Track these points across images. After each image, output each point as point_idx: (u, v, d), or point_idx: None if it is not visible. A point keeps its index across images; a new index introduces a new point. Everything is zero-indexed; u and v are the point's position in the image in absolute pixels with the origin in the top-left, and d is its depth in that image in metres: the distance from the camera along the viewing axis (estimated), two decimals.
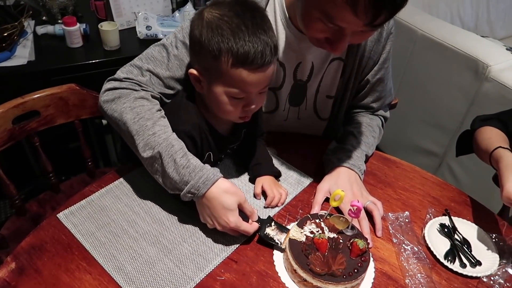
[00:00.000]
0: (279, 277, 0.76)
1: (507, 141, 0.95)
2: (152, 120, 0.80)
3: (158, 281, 0.73)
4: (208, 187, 0.76)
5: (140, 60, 0.89)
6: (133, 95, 0.83)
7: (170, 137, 0.79)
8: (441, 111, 1.79)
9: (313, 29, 0.77)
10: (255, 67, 0.73)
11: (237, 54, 0.72)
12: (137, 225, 0.83)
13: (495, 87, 1.55)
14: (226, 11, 0.74)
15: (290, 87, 1.03)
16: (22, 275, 0.73)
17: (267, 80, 0.78)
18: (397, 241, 0.84)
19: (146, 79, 0.87)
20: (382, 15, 0.68)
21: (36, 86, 1.10)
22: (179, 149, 0.78)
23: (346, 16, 0.69)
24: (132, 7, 1.71)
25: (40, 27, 1.61)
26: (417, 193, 0.98)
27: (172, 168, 0.77)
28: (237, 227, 0.77)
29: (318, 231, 0.77)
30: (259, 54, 0.72)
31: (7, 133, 1.06)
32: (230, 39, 0.71)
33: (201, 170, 0.77)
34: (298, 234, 0.77)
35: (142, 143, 0.79)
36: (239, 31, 0.72)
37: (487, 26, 2.50)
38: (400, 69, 1.93)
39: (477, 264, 0.81)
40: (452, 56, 1.68)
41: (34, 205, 1.22)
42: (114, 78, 0.88)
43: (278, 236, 0.80)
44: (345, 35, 0.75)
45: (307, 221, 0.79)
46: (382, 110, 1.12)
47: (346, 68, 1.00)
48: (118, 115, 0.82)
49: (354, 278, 0.71)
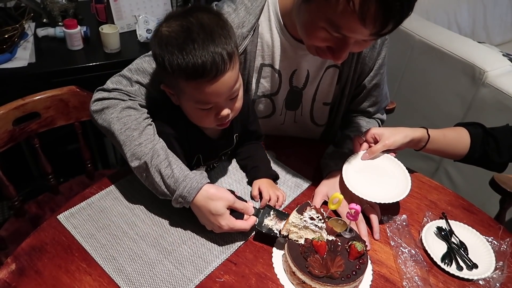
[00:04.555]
0: (278, 279, 0.76)
1: (461, 144, 0.98)
2: (138, 131, 0.81)
3: (158, 282, 0.74)
4: (193, 196, 0.77)
5: (129, 71, 0.88)
6: (120, 106, 0.84)
7: (156, 146, 0.80)
8: (438, 116, 1.81)
9: (316, 37, 0.77)
10: (208, 78, 0.72)
11: (186, 69, 0.71)
12: (137, 227, 0.84)
13: (492, 93, 1.56)
14: (174, 26, 0.73)
15: (286, 93, 1.04)
16: (22, 276, 0.73)
17: (228, 87, 0.76)
18: (394, 244, 0.85)
19: (134, 89, 0.87)
20: (390, 24, 0.68)
21: (36, 88, 1.11)
22: (164, 159, 0.79)
23: (353, 26, 0.69)
24: (133, 10, 1.71)
25: (41, 29, 1.61)
26: (415, 197, 0.99)
27: (159, 178, 0.79)
28: (231, 229, 0.78)
29: (318, 217, 0.77)
30: (208, 66, 0.71)
31: (7, 134, 1.06)
32: (179, 56, 0.71)
33: (184, 180, 0.77)
34: (297, 220, 0.77)
35: (129, 153, 0.80)
36: (185, 46, 0.71)
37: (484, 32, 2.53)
38: (398, 74, 1.95)
39: (474, 267, 0.82)
40: (449, 61, 1.69)
41: (33, 207, 1.23)
42: (103, 89, 0.88)
43: (277, 225, 0.81)
44: (348, 44, 0.75)
45: (307, 207, 0.78)
46: (378, 114, 1.13)
47: (342, 75, 1.01)
48: (106, 125, 0.83)
49: (352, 280, 0.72)
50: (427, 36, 1.79)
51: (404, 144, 0.93)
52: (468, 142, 0.98)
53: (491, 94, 1.57)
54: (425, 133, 0.95)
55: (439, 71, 1.77)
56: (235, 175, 0.99)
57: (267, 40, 0.95)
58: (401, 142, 0.91)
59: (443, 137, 0.98)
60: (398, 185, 0.89)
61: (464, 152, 0.99)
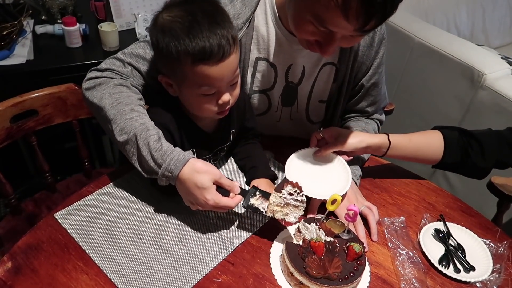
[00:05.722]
0: (275, 280, 0.76)
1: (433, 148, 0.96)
2: (130, 106, 0.81)
3: (155, 281, 0.73)
4: (180, 168, 0.76)
5: (123, 54, 0.90)
6: (112, 82, 0.85)
7: (147, 123, 0.80)
8: (436, 118, 1.81)
9: (304, 31, 0.78)
10: (215, 61, 0.73)
11: (193, 52, 0.72)
12: (134, 225, 0.83)
13: (490, 95, 1.57)
14: (176, 12, 0.74)
15: (282, 88, 1.03)
16: (18, 275, 0.72)
17: (232, 70, 0.78)
18: (392, 245, 0.85)
19: (127, 71, 0.88)
20: (373, 21, 0.69)
21: (34, 85, 1.10)
22: (155, 133, 0.79)
23: (337, 21, 0.70)
24: (132, 8, 1.71)
25: (40, 27, 1.60)
26: (413, 199, 0.99)
27: (146, 151, 0.78)
28: (217, 204, 0.76)
29: (295, 191, 0.77)
30: (215, 48, 0.72)
31: (5, 131, 1.06)
32: (185, 39, 0.72)
33: (172, 152, 0.77)
34: (278, 199, 0.78)
35: (119, 127, 0.80)
36: (191, 29, 0.72)
37: (483, 35, 2.54)
38: (396, 75, 1.95)
39: (471, 269, 0.82)
40: (448, 63, 1.70)
41: (30, 205, 1.22)
42: (96, 69, 0.89)
43: (263, 204, 0.81)
44: (335, 39, 0.76)
45: (284, 184, 0.78)
46: (377, 114, 1.13)
47: (338, 73, 1.01)
48: (97, 101, 0.83)
49: (350, 281, 0.72)
50: (426, 38, 1.80)
51: (360, 149, 0.92)
52: (442, 146, 0.95)
53: (490, 97, 1.57)
54: (386, 139, 0.93)
55: (438, 73, 1.77)
56: (233, 175, 0.99)
57: (262, 33, 0.95)
58: (354, 146, 0.91)
59: (408, 142, 0.95)
60: (336, 185, 0.88)
61: (438, 157, 0.96)
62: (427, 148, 0.97)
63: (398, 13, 0.70)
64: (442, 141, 0.95)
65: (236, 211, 0.87)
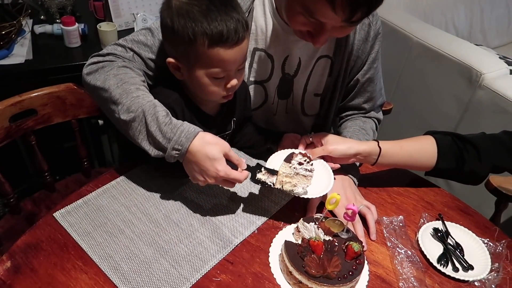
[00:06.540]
0: (274, 279, 0.76)
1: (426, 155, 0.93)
2: (135, 85, 0.82)
3: (154, 281, 0.74)
4: (191, 140, 0.76)
5: (125, 41, 0.91)
6: (116, 64, 0.86)
7: (154, 100, 0.81)
8: (435, 118, 1.81)
9: (296, 22, 0.80)
10: (230, 44, 0.76)
11: (211, 35, 0.74)
12: (133, 225, 0.83)
13: (488, 95, 1.57)
14: None
15: (278, 80, 1.04)
16: (17, 274, 0.72)
17: (244, 54, 0.81)
18: (391, 244, 0.85)
19: (129, 55, 0.89)
20: (359, 13, 0.71)
21: (33, 85, 1.10)
22: (163, 109, 0.80)
23: (325, 12, 0.72)
24: (131, 8, 1.71)
25: (38, 26, 1.60)
26: (411, 198, 0.99)
27: (155, 126, 0.78)
28: (227, 175, 0.77)
29: (305, 160, 0.78)
30: (232, 31, 0.74)
31: (4, 131, 1.06)
32: (203, 21, 0.74)
33: (182, 125, 0.78)
34: (287, 169, 0.79)
35: (125, 106, 0.80)
36: (209, 12, 0.74)
37: (481, 35, 2.54)
38: (395, 75, 1.95)
39: (469, 268, 0.82)
40: (446, 63, 1.70)
41: (29, 204, 1.22)
42: (98, 54, 0.90)
43: (270, 178, 0.82)
44: (325, 30, 0.78)
45: (293, 155, 0.79)
46: (374, 112, 1.12)
47: (334, 66, 1.01)
48: (101, 83, 0.84)
49: (349, 280, 0.72)
50: (424, 38, 1.80)
51: (348, 156, 0.90)
52: (435, 151, 0.92)
53: (488, 96, 1.57)
54: (376, 146, 0.91)
55: (436, 73, 1.77)
56: None
57: (261, 24, 0.95)
58: (342, 152, 0.89)
59: (400, 149, 0.93)
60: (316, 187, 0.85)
61: (432, 163, 0.93)
62: (420, 154, 0.94)
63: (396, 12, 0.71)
64: (435, 146, 0.93)
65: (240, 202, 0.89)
